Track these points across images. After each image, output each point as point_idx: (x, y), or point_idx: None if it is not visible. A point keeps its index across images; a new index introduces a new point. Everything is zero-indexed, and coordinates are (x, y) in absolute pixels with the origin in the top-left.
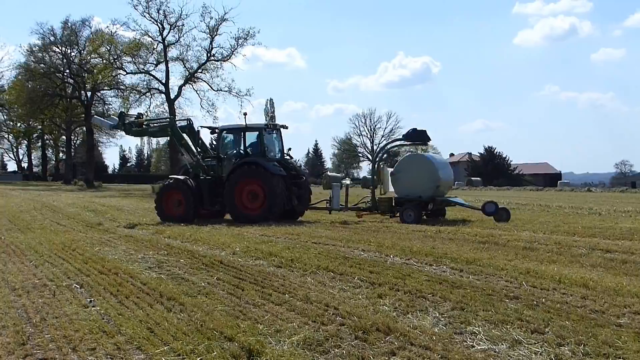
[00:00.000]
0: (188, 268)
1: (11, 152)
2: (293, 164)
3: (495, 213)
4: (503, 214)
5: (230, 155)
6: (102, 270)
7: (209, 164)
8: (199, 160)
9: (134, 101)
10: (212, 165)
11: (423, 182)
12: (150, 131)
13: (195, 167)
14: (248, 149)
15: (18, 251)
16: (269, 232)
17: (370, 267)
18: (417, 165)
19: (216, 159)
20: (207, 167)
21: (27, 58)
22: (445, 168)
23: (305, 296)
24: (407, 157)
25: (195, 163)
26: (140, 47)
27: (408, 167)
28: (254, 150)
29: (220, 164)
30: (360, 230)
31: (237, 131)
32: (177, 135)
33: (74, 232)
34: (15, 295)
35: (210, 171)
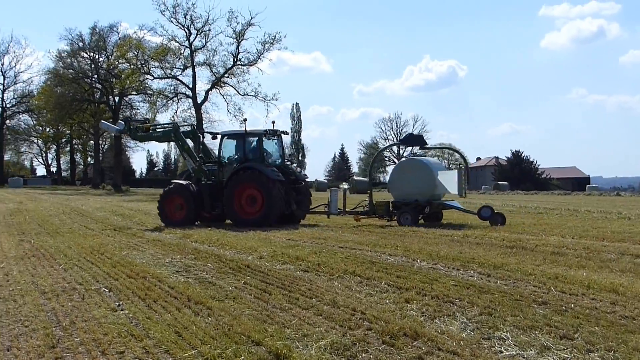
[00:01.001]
0: (215, 272)
1: (40, 157)
2: (293, 169)
3: (491, 217)
4: (498, 219)
5: (231, 160)
6: (130, 274)
7: (210, 169)
8: (201, 165)
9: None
10: (213, 170)
11: (420, 186)
12: (155, 136)
13: (197, 171)
14: (248, 154)
15: (47, 255)
16: (295, 237)
17: (397, 271)
18: (413, 170)
19: (217, 164)
20: (208, 172)
21: (56, 64)
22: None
23: (332, 300)
24: (404, 161)
25: (197, 168)
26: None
27: (405, 171)
28: (254, 155)
29: (221, 169)
30: (387, 234)
31: (237, 137)
32: (180, 140)
33: (102, 236)
34: (45, 299)
35: (211, 176)
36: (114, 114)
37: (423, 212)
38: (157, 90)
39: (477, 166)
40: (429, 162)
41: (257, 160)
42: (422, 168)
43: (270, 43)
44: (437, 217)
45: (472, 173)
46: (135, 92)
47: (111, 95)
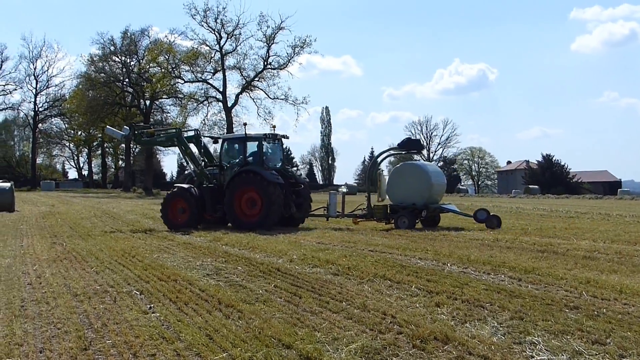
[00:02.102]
0: (246, 275)
1: (72, 160)
2: (293, 172)
3: (487, 220)
4: (494, 222)
5: (232, 164)
6: (161, 277)
7: (211, 173)
8: (203, 168)
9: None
10: (214, 174)
11: (416, 190)
12: (158, 141)
13: (199, 175)
14: (248, 158)
15: (79, 257)
16: (325, 240)
17: (428, 275)
18: (410, 173)
19: (218, 168)
20: (210, 176)
21: (88, 68)
22: (438, 176)
23: (363, 304)
24: (401, 165)
25: (199, 171)
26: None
27: (402, 175)
28: (254, 159)
29: (222, 173)
30: (417, 238)
31: (238, 141)
32: (183, 145)
33: (133, 239)
34: (77, 301)
35: (213, 179)
36: (144, 117)
37: (420, 216)
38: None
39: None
40: (426, 167)
41: (257, 163)
42: (418, 172)
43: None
44: (434, 220)
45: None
46: (166, 96)
47: (142, 99)
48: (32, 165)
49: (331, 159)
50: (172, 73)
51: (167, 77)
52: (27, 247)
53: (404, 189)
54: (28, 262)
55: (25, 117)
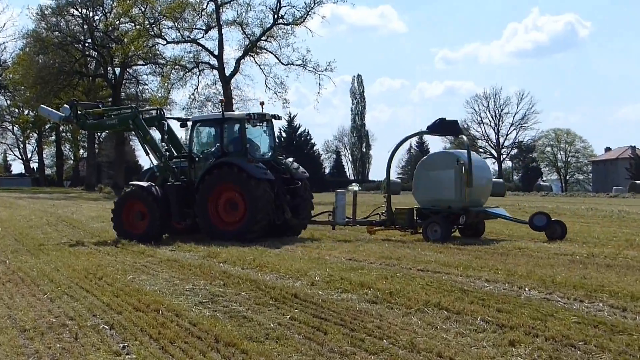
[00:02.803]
0: (252, 304)
1: (17, 149)
2: (287, 165)
3: (547, 227)
4: (557, 229)
5: (206, 154)
6: (138, 305)
7: (179, 166)
8: (167, 161)
9: (177, 79)
10: (182, 167)
11: (452, 188)
12: (108, 124)
13: (163, 169)
14: (227, 146)
15: (28, 280)
16: (358, 256)
17: (498, 303)
18: (443, 166)
19: (188, 160)
20: (177, 170)
21: (37, 24)
22: (482, 169)
23: (410, 343)
24: (432, 155)
25: (163, 165)
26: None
27: (432, 168)
28: (235, 147)
29: (192, 166)
30: (482, 253)
31: (213, 123)
32: (142, 130)
33: (99, 254)
34: (25, 338)
35: (180, 175)
36: (114, 90)
37: (457, 223)
38: (171, 59)
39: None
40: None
41: (238, 153)
42: (455, 164)
43: None
44: (477, 229)
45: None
46: (142, 62)
47: (110, 66)
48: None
49: (365, 145)
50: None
51: (144, 37)
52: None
53: (435, 187)
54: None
55: None
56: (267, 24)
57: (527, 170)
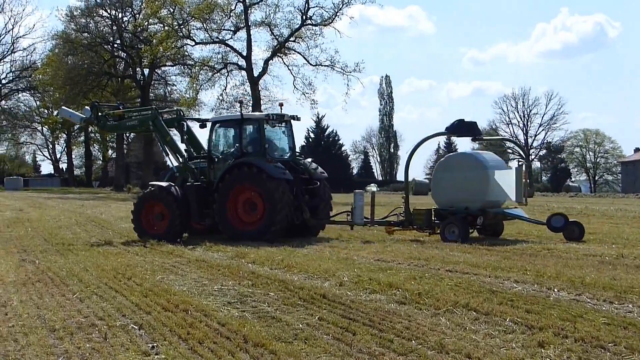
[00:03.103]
0: (280, 304)
1: (46, 150)
2: (306, 165)
3: (564, 229)
4: (575, 230)
5: (225, 154)
6: (166, 305)
7: (198, 167)
8: (187, 161)
9: (206, 80)
10: (202, 168)
11: (470, 190)
12: (129, 125)
13: (183, 170)
14: (246, 146)
15: (57, 280)
16: (387, 257)
17: (527, 304)
18: (462, 168)
19: (207, 160)
20: (196, 171)
21: (66, 25)
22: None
23: (439, 343)
24: (450, 157)
25: (183, 166)
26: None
27: (451, 169)
28: (254, 148)
29: (212, 166)
30: (511, 254)
31: (232, 124)
32: (161, 131)
33: (128, 254)
34: (55, 338)
35: (200, 175)
36: (142, 91)
37: (475, 224)
38: (199, 60)
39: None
40: (484, 158)
41: (257, 154)
42: (473, 166)
43: None
44: (495, 230)
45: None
46: (170, 63)
47: (139, 67)
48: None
49: (393, 146)
50: (178, 32)
51: (172, 37)
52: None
53: (453, 187)
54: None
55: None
56: (296, 25)
57: (555, 171)
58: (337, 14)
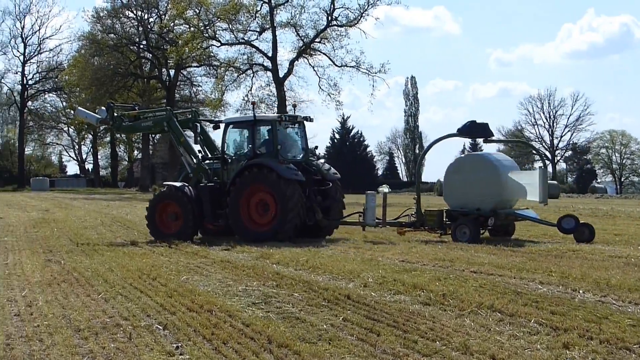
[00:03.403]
0: (304, 305)
1: (72, 150)
2: (318, 166)
3: (575, 230)
4: (585, 232)
5: (238, 156)
6: (191, 306)
7: (212, 167)
8: (200, 162)
9: (231, 81)
10: (216, 169)
11: (482, 191)
12: (144, 126)
13: (197, 171)
14: (259, 148)
15: (82, 280)
16: (411, 258)
17: (552, 305)
18: (474, 169)
19: (221, 161)
20: (209, 171)
21: (93, 26)
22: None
23: (464, 344)
24: (464, 157)
25: (197, 166)
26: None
27: (462, 170)
28: (267, 149)
29: (225, 167)
30: (536, 255)
31: (245, 125)
32: (176, 132)
33: (153, 255)
34: (80, 338)
35: (213, 176)
36: (168, 92)
37: (486, 225)
38: (225, 61)
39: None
40: (495, 159)
41: (269, 155)
42: (485, 167)
43: None
44: (506, 230)
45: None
46: (196, 64)
47: (165, 68)
48: (20, 156)
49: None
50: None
51: (198, 38)
52: (13, 266)
53: (464, 189)
54: (15, 286)
55: (10, 92)
56: (321, 26)
57: (581, 172)
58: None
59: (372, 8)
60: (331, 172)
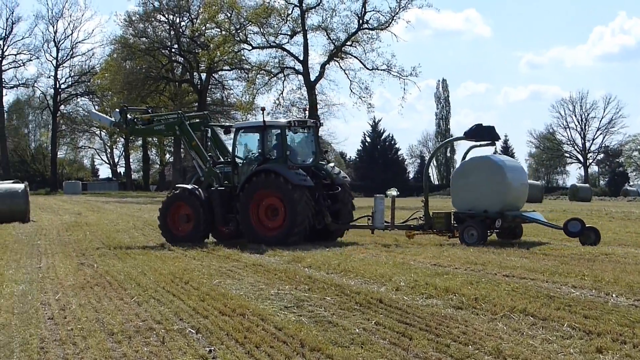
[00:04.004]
0: (337, 308)
1: (104, 154)
2: (327, 170)
3: (581, 234)
4: (591, 235)
5: (249, 160)
6: (223, 310)
7: (223, 171)
8: (211, 166)
9: (262, 85)
10: (226, 173)
11: (488, 193)
12: (156, 129)
13: (208, 174)
14: (269, 152)
15: (115, 284)
16: (443, 261)
17: (585, 309)
18: (481, 171)
19: (231, 165)
20: (221, 175)
21: (125, 30)
22: (518, 173)
23: (496, 349)
24: (469, 160)
25: (208, 170)
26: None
27: (470, 173)
28: (276, 154)
29: (236, 171)
30: (568, 259)
31: (255, 130)
32: (187, 135)
33: (186, 258)
34: (113, 342)
35: (224, 180)
36: (199, 95)
37: (493, 227)
38: (256, 64)
39: None
40: (502, 162)
41: (279, 160)
42: (491, 169)
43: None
44: (514, 233)
45: None
46: (228, 67)
47: (196, 72)
48: (52, 160)
49: (450, 150)
50: (235, 36)
51: (230, 42)
52: (46, 270)
53: (471, 191)
54: (48, 289)
55: (43, 96)
56: (352, 29)
57: (613, 175)
58: (393, 17)
59: (403, 11)
60: (340, 176)
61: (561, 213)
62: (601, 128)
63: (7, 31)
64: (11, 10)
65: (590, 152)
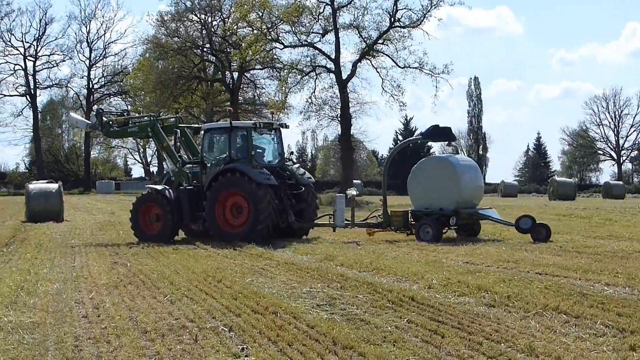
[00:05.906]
0: (369, 306)
1: (137, 153)
2: (292, 171)
3: (532, 230)
4: (542, 232)
5: (217, 160)
6: (256, 308)
7: (192, 171)
8: (181, 166)
9: (294, 83)
10: (196, 173)
11: (442, 191)
12: (130, 131)
13: (178, 174)
14: (235, 153)
15: (149, 282)
16: (475, 259)
17: (618, 307)
18: (433, 170)
19: (200, 165)
20: (190, 175)
21: (157, 30)
22: (471, 171)
23: (529, 347)
24: (425, 160)
25: (178, 170)
26: (302, 11)
27: (423, 173)
28: (242, 154)
29: (204, 171)
30: (602, 256)
31: (223, 132)
32: (159, 137)
33: (218, 257)
34: (147, 340)
35: (193, 180)
36: (231, 94)
37: (448, 224)
38: (288, 63)
39: None
40: (455, 160)
41: (245, 160)
42: (446, 169)
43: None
44: (472, 229)
45: None
46: (260, 66)
47: (228, 71)
48: (86, 160)
49: (482, 148)
50: (267, 35)
51: (262, 41)
52: (80, 269)
53: (426, 190)
54: (82, 288)
55: (77, 96)
56: (384, 27)
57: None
58: (425, 15)
59: (435, 9)
60: (305, 176)
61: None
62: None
63: (40, 32)
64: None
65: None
